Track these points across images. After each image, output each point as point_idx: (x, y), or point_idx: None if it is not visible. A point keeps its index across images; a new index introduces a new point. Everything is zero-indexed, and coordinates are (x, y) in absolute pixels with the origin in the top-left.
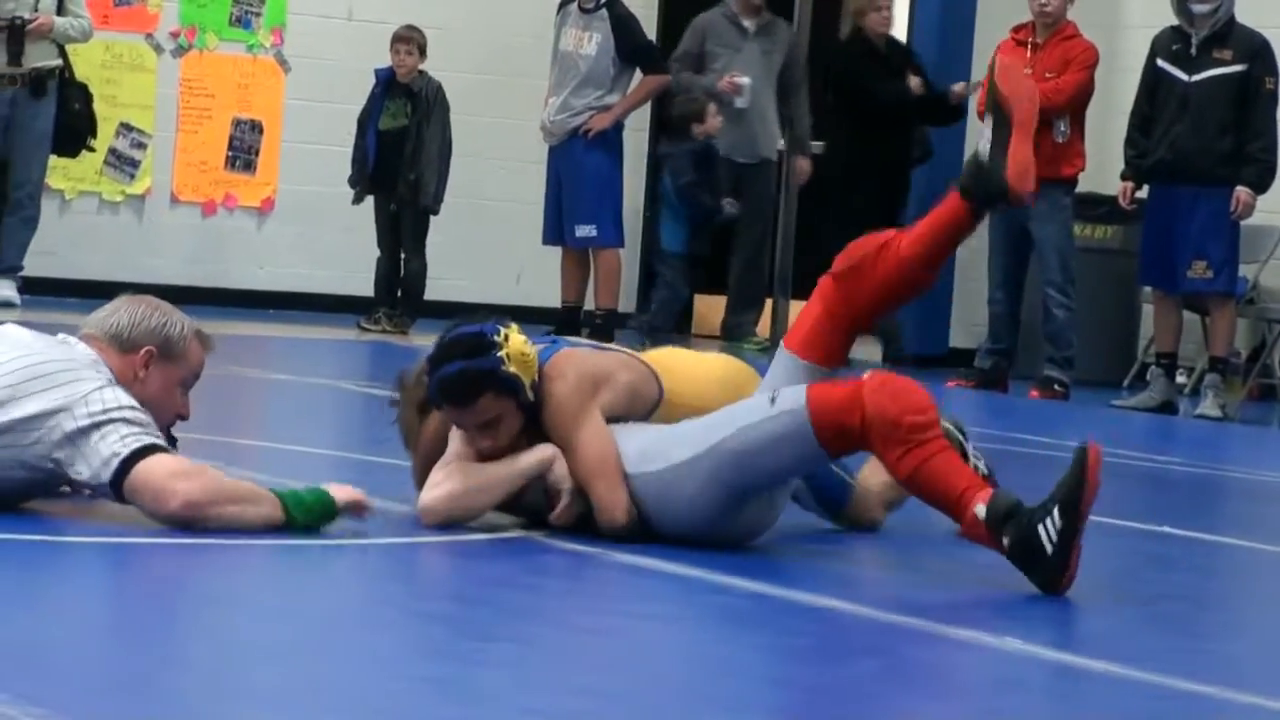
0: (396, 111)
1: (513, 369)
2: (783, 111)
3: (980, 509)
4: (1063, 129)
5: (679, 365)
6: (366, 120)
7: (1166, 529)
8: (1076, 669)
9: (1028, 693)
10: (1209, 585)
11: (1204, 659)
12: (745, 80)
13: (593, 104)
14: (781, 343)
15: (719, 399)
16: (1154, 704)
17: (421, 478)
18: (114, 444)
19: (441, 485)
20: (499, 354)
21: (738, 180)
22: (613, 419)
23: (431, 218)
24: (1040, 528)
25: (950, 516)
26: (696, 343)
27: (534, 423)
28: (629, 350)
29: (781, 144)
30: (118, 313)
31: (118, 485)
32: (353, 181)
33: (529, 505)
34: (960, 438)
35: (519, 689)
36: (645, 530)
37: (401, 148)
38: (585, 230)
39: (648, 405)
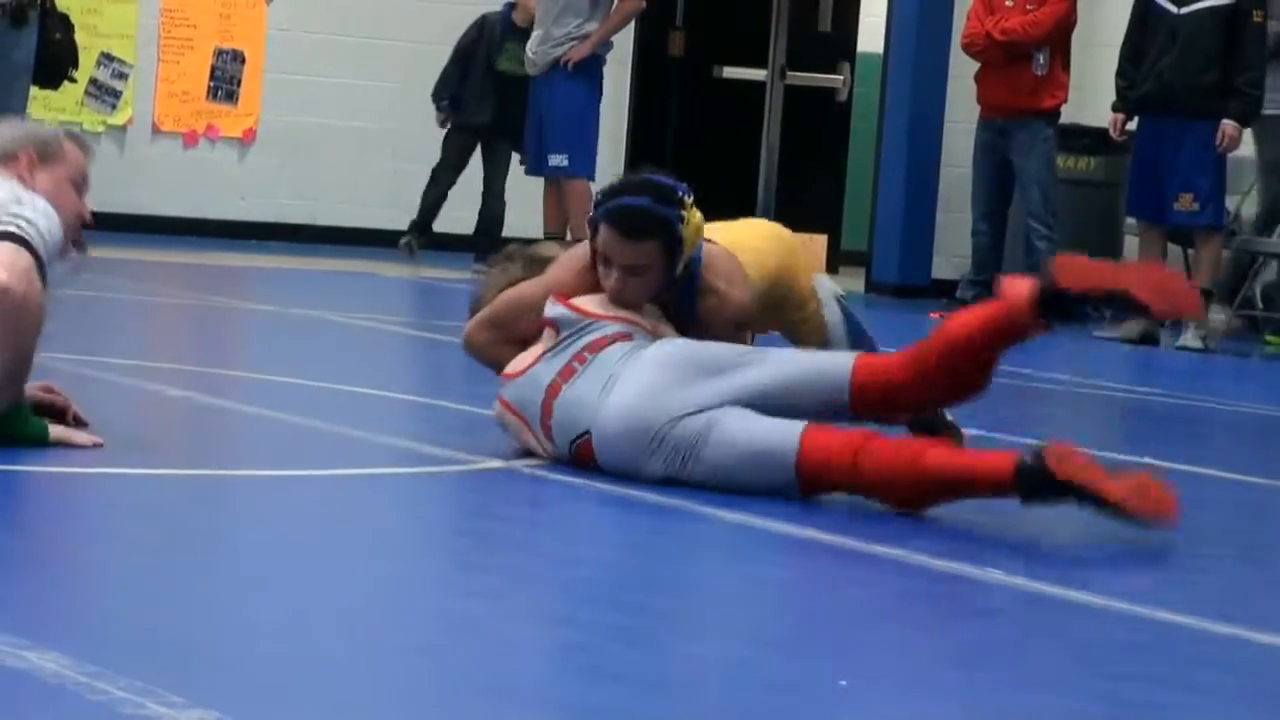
0: (519, 56)
1: (687, 231)
2: None
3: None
4: (1042, 61)
5: (731, 237)
6: (475, 51)
7: (1147, 460)
8: (1057, 600)
9: (1008, 624)
10: (1189, 517)
11: (1183, 590)
12: None
13: (573, 33)
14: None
15: (774, 253)
16: (1133, 635)
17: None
18: None
19: None
20: (684, 212)
21: None
22: None
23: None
24: None
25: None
26: None
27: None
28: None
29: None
30: None
31: None
32: (445, 106)
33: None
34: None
35: (500, 619)
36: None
37: (523, 93)
38: (557, 159)
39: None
